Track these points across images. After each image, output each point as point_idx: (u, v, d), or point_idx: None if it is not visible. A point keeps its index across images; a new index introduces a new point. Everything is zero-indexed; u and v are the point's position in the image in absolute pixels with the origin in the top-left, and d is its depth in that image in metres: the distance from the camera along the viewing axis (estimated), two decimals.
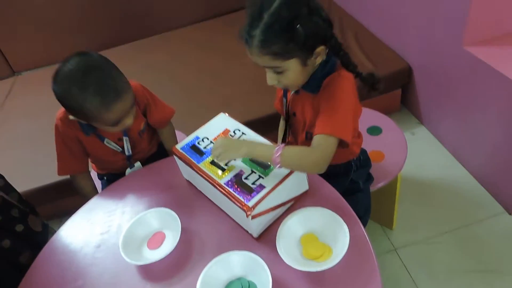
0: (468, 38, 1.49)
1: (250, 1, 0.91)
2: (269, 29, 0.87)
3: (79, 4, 2.54)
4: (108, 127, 1.11)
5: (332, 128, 0.93)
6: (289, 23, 0.87)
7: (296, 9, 0.88)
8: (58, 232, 1.10)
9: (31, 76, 2.63)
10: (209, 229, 1.00)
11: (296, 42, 0.88)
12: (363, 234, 0.91)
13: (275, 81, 0.97)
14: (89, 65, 1.04)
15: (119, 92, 1.05)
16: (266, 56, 0.90)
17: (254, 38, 0.89)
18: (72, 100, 1.03)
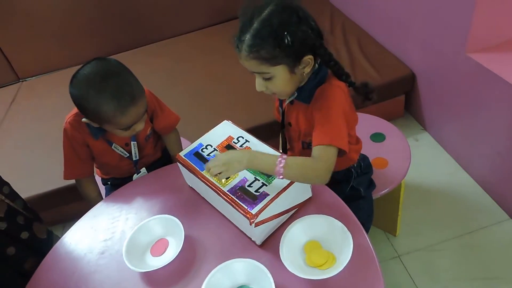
0: (471, 45, 1.49)
1: (243, 9, 0.95)
2: (257, 34, 0.90)
3: (85, 11, 2.55)
4: (120, 131, 1.13)
5: (330, 138, 0.94)
6: (277, 30, 0.90)
7: (285, 17, 0.90)
8: (62, 239, 1.10)
9: (36, 83, 2.64)
10: (212, 236, 1.00)
11: (283, 48, 0.90)
12: (367, 242, 0.91)
13: (264, 88, 0.99)
14: (107, 69, 1.08)
15: (134, 97, 1.08)
16: (253, 61, 0.93)
17: (243, 43, 0.92)
18: (88, 102, 1.06)
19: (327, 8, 2.52)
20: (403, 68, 1.94)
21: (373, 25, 2.18)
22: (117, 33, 2.67)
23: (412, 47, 1.88)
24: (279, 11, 0.91)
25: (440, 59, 1.70)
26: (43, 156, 1.93)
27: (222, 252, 0.95)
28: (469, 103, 1.61)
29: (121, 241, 1.03)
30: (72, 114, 1.21)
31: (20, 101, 2.48)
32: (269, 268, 0.84)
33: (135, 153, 1.29)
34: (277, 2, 0.92)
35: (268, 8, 0.91)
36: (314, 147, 0.94)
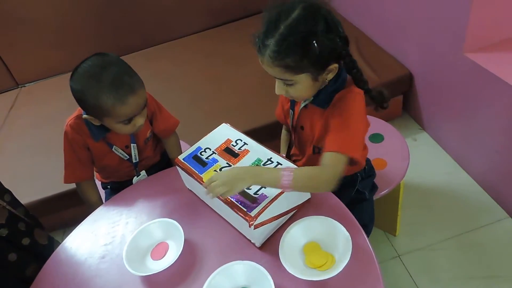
0: (468, 45, 1.50)
1: (269, 6, 0.90)
2: (283, 41, 0.85)
3: (83, 16, 2.56)
4: (120, 125, 1.12)
5: (342, 146, 0.92)
6: (305, 38, 0.86)
7: (313, 24, 0.86)
8: (63, 244, 1.10)
9: (35, 88, 2.65)
10: (212, 239, 1.00)
11: (310, 58, 0.87)
12: (366, 243, 0.91)
13: (283, 92, 0.97)
14: (107, 61, 1.09)
15: (134, 86, 1.09)
16: (277, 68, 0.89)
17: (267, 48, 0.87)
18: (88, 93, 1.06)
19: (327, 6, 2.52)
20: (400, 69, 1.95)
21: (370, 26, 2.19)
22: (116, 37, 2.68)
23: (409, 47, 1.89)
24: (307, 17, 0.86)
25: (438, 59, 1.71)
26: (43, 161, 1.94)
27: (222, 254, 0.95)
28: (466, 103, 1.62)
29: (122, 245, 1.03)
30: (72, 116, 1.22)
31: (19, 107, 2.49)
32: (269, 269, 0.84)
33: (135, 155, 1.29)
34: (305, 5, 0.87)
35: (296, 11, 0.86)
36: (325, 153, 0.92)
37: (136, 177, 1.33)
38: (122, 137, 1.25)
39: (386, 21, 2.00)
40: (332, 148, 0.92)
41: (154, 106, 1.31)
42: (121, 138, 1.26)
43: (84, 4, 2.53)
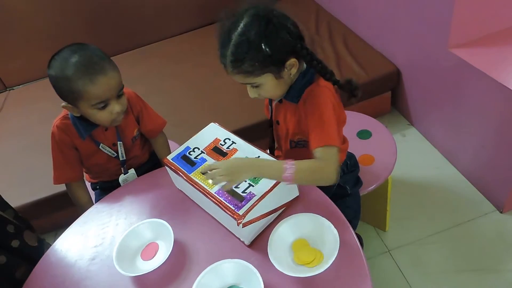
0: (453, 40, 1.52)
1: (219, 24, 0.96)
2: (237, 50, 0.91)
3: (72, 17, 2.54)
4: (96, 110, 1.12)
5: (328, 139, 0.95)
6: (254, 42, 0.91)
7: (260, 28, 0.91)
8: (53, 246, 1.10)
9: (24, 91, 2.63)
10: (202, 238, 1.01)
11: (264, 58, 0.92)
12: (353, 238, 0.92)
13: (256, 94, 1.02)
14: (80, 47, 1.11)
15: (104, 67, 1.09)
16: (238, 75, 0.95)
17: (226, 59, 0.94)
18: (61, 76, 1.08)
19: (312, 7, 2.54)
20: (388, 65, 1.96)
21: (358, 23, 2.20)
22: (105, 37, 2.66)
23: (396, 44, 1.90)
24: (254, 22, 0.92)
25: (424, 55, 1.73)
26: (33, 164, 1.92)
27: (211, 253, 0.96)
28: (453, 98, 1.64)
29: (112, 246, 1.04)
30: (59, 117, 1.23)
31: (7, 110, 2.47)
32: (258, 267, 0.85)
33: (122, 153, 1.30)
34: (250, 13, 0.93)
35: (243, 21, 0.92)
36: (315, 149, 0.95)
37: (123, 175, 1.33)
38: (109, 135, 1.26)
39: (373, 18, 2.01)
40: (318, 144, 0.95)
41: (141, 105, 1.32)
42: (108, 136, 1.26)
43: (72, 5, 2.51)
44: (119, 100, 1.15)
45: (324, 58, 1.03)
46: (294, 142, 1.13)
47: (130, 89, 1.31)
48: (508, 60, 1.43)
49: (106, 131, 1.25)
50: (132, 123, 1.30)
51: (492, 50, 1.47)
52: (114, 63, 1.14)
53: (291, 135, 1.12)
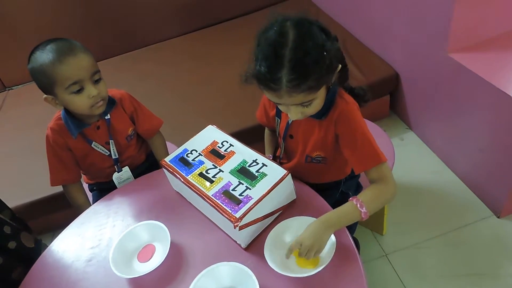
0: (452, 45, 1.52)
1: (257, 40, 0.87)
2: (297, 65, 0.81)
3: (70, 18, 2.55)
4: (73, 95, 1.12)
5: (376, 158, 0.96)
6: (317, 54, 0.83)
7: (316, 37, 0.84)
8: (49, 247, 1.10)
9: (23, 91, 2.63)
10: (199, 240, 1.01)
11: (326, 69, 0.86)
12: (349, 240, 0.92)
13: (299, 115, 0.93)
14: (56, 39, 1.13)
15: (73, 49, 1.11)
16: (301, 94, 0.85)
17: (280, 80, 0.82)
18: (36, 66, 1.10)
19: (311, 10, 2.55)
20: (387, 69, 1.97)
21: (357, 26, 2.21)
22: (102, 39, 2.67)
23: (395, 47, 1.91)
24: (306, 33, 0.83)
25: (422, 60, 1.73)
26: (31, 164, 1.92)
27: (208, 256, 0.96)
28: (451, 102, 1.64)
29: (108, 248, 1.04)
30: (53, 119, 1.24)
31: (6, 110, 2.48)
32: (254, 270, 0.85)
33: (114, 151, 1.30)
34: (294, 24, 0.84)
35: (290, 33, 0.82)
36: (368, 170, 0.97)
37: (117, 173, 1.34)
38: (101, 133, 1.27)
39: (373, 22, 2.02)
40: (370, 165, 0.97)
41: (134, 105, 1.33)
42: (100, 135, 1.27)
43: (70, 7, 2.52)
44: (96, 86, 1.15)
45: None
46: (311, 158, 1.09)
47: (123, 90, 1.33)
48: (506, 65, 1.43)
49: (98, 129, 1.26)
50: (125, 122, 1.31)
51: (491, 55, 1.48)
52: (88, 50, 1.16)
53: (309, 151, 1.08)
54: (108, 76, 2.34)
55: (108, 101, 1.23)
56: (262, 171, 0.98)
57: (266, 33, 0.85)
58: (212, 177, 1.01)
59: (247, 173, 0.99)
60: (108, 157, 1.31)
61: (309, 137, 1.06)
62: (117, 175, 1.34)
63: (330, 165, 1.11)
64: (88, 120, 1.23)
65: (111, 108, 1.26)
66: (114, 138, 1.29)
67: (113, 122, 1.27)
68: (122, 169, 1.35)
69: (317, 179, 1.16)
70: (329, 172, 1.15)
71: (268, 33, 0.85)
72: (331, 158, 1.09)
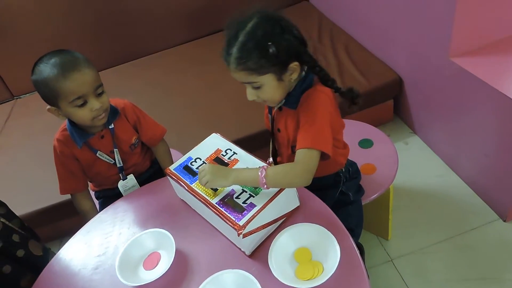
0: (454, 50, 1.52)
1: (228, 24, 0.99)
2: (243, 47, 0.94)
3: (76, 27, 2.59)
4: (76, 109, 1.14)
5: (312, 141, 0.97)
6: (261, 41, 0.94)
7: (268, 28, 0.95)
8: (57, 255, 1.12)
9: (31, 100, 2.67)
10: (203, 247, 1.02)
11: (269, 58, 0.95)
12: (354, 248, 0.92)
13: (255, 96, 1.03)
14: (60, 51, 1.16)
15: (77, 64, 1.13)
16: (242, 72, 0.97)
17: (231, 56, 0.96)
18: (40, 79, 1.12)
19: (315, 16, 2.56)
20: (390, 74, 1.97)
21: (360, 31, 2.21)
22: (109, 47, 2.70)
23: (398, 52, 1.91)
24: (262, 23, 0.96)
25: (425, 64, 1.73)
26: (39, 172, 1.95)
27: (212, 263, 0.97)
28: (454, 107, 1.64)
29: (115, 256, 1.05)
30: (59, 130, 1.27)
31: (15, 118, 2.51)
32: (258, 277, 0.86)
33: (118, 159, 1.32)
34: (260, 15, 0.97)
35: (252, 21, 0.96)
36: (297, 150, 0.98)
37: (122, 181, 1.36)
38: (106, 142, 1.29)
39: (375, 27, 2.03)
40: (302, 145, 0.98)
41: (137, 114, 1.35)
42: (105, 144, 1.29)
43: (77, 15, 2.55)
44: (99, 98, 1.17)
45: (326, 66, 1.06)
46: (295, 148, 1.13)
47: (126, 99, 1.36)
48: (508, 69, 1.44)
49: (102, 138, 1.28)
50: (129, 131, 1.33)
51: (493, 59, 1.48)
52: (91, 63, 1.18)
53: (292, 142, 1.12)
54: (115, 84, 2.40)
55: (112, 111, 1.25)
56: None
57: (239, 17, 0.98)
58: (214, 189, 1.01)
59: None
60: (113, 166, 1.33)
61: (289, 127, 1.10)
62: (122, 183, 1.36)
63: None
64: (92, 130, 1.25)
65: (115, 118, 1.28)
66: (118, 147, 1.31)
67: (117, 131, 1.29)
68: (127, 177, 1.36)
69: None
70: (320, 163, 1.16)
71: (240, 18, 0.98)
72: None
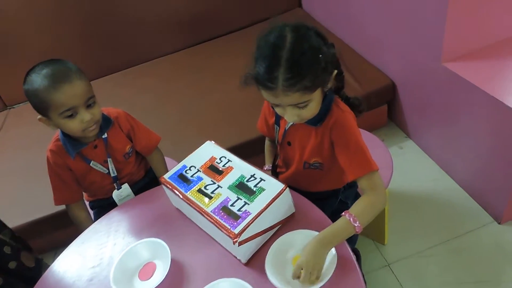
0: (446, 55, 1.53)
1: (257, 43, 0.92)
2: (294, 65, 0.86)
3: (69, 35, 2.58)
4: (66, 120, 1.13)
5: (366, 166, 0.97)
6: (312, 55, 0.88)
7: (312, 40, 0.89)
8: (51, 267, 1.11)
9: (24, 110, 2.65)
10: (199, 256, 1.01)
11: (322, 71, 0.90)
12: (350, 254, 0.92)
13: (296, 117, 0.96)
14: (52, 61, 1.14)
15: (68, 75, 1.11)
16: (296, 93, 0.89)
17: (277, 79, 0.87)
18: (31, 89, 1.10)
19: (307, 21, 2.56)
20: (383, 79, 1.98)
21: (353, 37, 2.23)
22: (102, 56, 2.70)
23: (391, 58, 1.93)
24: (303, 36, 0.89)
25: (418, 69, 1.75)
26: (33, 183, 1.93)
27: (208, 272, 0.96)
28: (448, 111, 1.65)
29: (109, 266, 1.04)
30: (52, 141, 1.26)
31: (8, 128, 2.49)
32: (255, 286, 0.86)
33: (112, 169, 1.32)
34: (292, 28, 0.90)
35: (288, 36, 0.88)
36: (359, 179, 0.98)
37: (116, 190, 1.35)
38: (99, 152, 1.28)
39: (368, 32, 2.04)
40: (361, 173, 0.98)
41: (131, 123, 1.34)
42: (98, 153, 1.28)
43: (70, 24, 2.55)
44: (90, 110, 1.16)
45: None
46: (309, 164, 1.12)
47: (120, 108, 1.35)
48: (499, 73, 1.45)
49: (96, 148, 1.27)
50: (123, 140, 1.32)
51: (485, 64, 1.49)
52: (84, 74, 1.16)
53: (306, 158, 1.10)
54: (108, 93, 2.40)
55: (105, 120, 1.25)
56: (260, 186, 0.99)
57: (266, 36, 0.91)
58: (211, 193, 1.01)
59: (245, 188, 0.99)
60: (107, 175, 1.32)
61: (306, 143, 1.08)
62: (117, 192, 1.35)
63: (327, 172, 1.13)
64: (85, 140, 1.25)
65: (108, 127, 1.27)
66: (112, 156, 1.30)
67: (110, 140, 1.28)
68: (121, 186, 1.36)
69: (315, 187, 1.18)
70: (327, 180, 1.16)
71: (268, 36, 0.90)
72: (328, 165, 1.11)
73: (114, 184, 1.35)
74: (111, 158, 1.31)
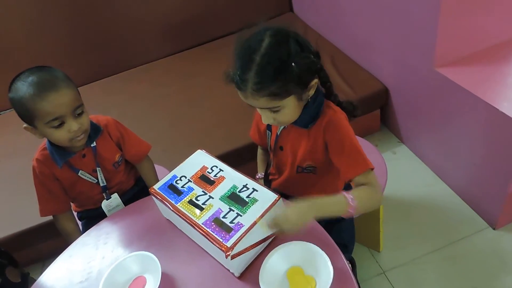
0: (438, 60, 1.53)
1: (236, 45, 0.91)
2: (263, 70, 0.86)
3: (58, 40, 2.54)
4: (52, 129, 1.10)
5: (364, 164, 0.96)
6: (283, 62, 0.87)
7: (286, 47, 0.87)
8: (37, 283, 1.06)
9: (9, 116, 2.59)
10: (190, 270, 0.98)
11: (292, 79, 0.88)
12: (345, 265, 0.90)
13: (271, 120, 0.97)
14: (39, 68, 1.10)
15: (55, 84, 1.07)
16: (263, 98, 0.89)
17: (247, 82, 0.87)
18: (16, 97, 1.06)
19: (299, 27, 2.56)
20: (376, 83, 1.97)
21: (345, 42, 2.22)
22: (92, 61, 2.66)
23: (383, 63, 1.92)
24: (279, 42, 0.87)
25: (411, 74, 1.74)
26: (19, 193, 1.88)
27: (200, 286, 0.93)
28: (440, 116, 1.64)
29: (98, 281, 0.99)
30: (38, 150, 1.22)
31: None
32: None
33: (102, 178, 1.28)
34: (272, 33, 0.89)
35: (266, 40, 0.87)
36: (355, 177, 0.96)
37: (106, 200, 1.31)
38: (87, 161, 1.24)
39: (360, 37, 2.03)
40: (359, 171, 0.96)
41: (121, 131, 1.31)
42: (86, 163, 1.24)
43: (58, 28, 2.51)
44: (78, 119, 1.12)
45: None
46: (302, 168, 1.10)
47: (109, 116, 1.31)
48: (492, 78, 1.45)
49: (84, 157, 1.24)
50: (112, 149, 1.29)
51: (477, 69, 1.49)
52: (72, 82, 1.13)
53: (299, 161, 1.09)
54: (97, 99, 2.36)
55: (94, 128, 1.21)
56: (252, 197, 0.96)
57: (247, 38, 0.91)
58: (202, 204, 0.98)
59: (237, 199, 0.97)
60: (96, 185, 1.29)
61: (298, 147, 1.07)
62: (106, 202, 1.31)
63: (321, 177, 1.11)
64: (73, 149, 1.21)
65: (97, 136, 1.23)
66: (101, 166, 1.27)
67: (99, 149, 1.25)
68: (111, 196, 1.32)
69: (309, 193, 1.14)
70: (320, 185, 1.14)
71: (248, 38, 0.90)
72: (321, 169, 1.09)
73: (103, 194, 1.31)
74: (100, 168, 1.27)
